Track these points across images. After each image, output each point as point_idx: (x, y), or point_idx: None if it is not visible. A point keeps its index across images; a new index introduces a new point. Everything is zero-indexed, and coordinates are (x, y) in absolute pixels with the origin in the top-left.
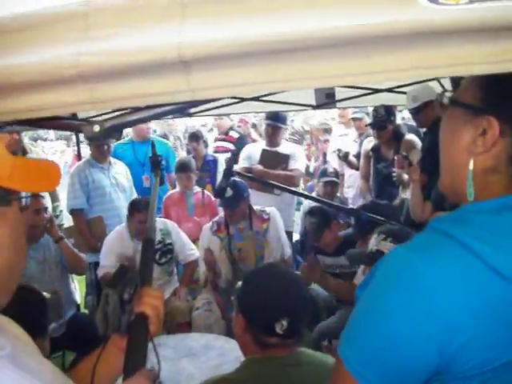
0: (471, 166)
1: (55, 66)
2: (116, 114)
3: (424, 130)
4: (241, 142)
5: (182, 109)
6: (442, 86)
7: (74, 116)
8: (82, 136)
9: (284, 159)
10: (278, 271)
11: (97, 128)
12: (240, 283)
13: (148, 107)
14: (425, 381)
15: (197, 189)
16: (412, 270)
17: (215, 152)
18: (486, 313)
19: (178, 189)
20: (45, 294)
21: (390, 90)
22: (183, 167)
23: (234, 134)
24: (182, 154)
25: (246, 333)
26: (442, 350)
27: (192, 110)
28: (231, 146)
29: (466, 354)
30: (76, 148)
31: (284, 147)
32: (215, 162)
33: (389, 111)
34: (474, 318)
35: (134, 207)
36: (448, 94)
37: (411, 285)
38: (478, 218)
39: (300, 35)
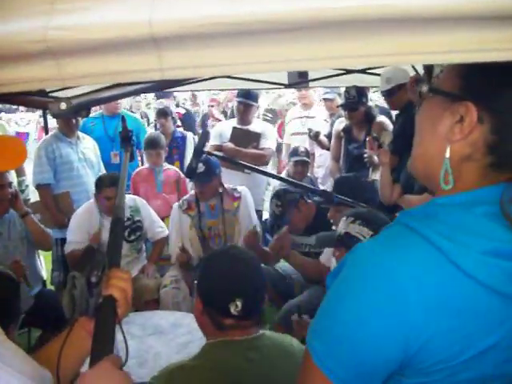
0: (448, 153)
1: (22, 40)
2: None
3: (396, 112)
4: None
5: (152, 88)
6: (416, 70)
7: (42, 91)
8: None
9: (255, 137)
10: (235, 253)
11: (63, 106)
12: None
13: (117, 85)
14: (388, 376)
15: (166, 165)
16: (383, 268)
17: None
18: (449, 309)
19: (146, 165)
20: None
21: (363, 71)
22: (152, 143)
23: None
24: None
25: (203, 314)
26: (407, 347)
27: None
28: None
29: (429, 350)
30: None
31: (255, 125)
32: (184, 138)
33: (360, 93)
34: (439, 314)
35: (102, 183)
36: (426, 83)
37: (382, 284)
38: (447, 213)
39: (276, 16)
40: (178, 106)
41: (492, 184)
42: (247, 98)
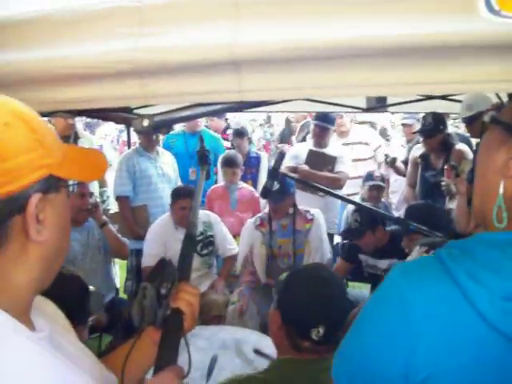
0: (501, 189)
1: (110, 60)
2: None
3: (477, 140)
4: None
5: (231, 109)
6: (499, 98)
7: (126, 108)
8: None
9: (330, 161)
10: (325, 275)
11: (146, 122)
12: (284, 276)
13: (197, 104)
14: None
15: (241, 184)
16: (399, 297)
17: None
18: (458, 350)
19: (222, 183)
20: (90, 287)
21: (443, 98)
22: (229, 162)
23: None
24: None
25: (280, 330)
26: (407, 380)
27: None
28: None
29: None
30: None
31: (331, 149)
32: (258, 159)
33: (438, 119)
34: (445, 353)
35: (177, 194)
36: (492, 112)
37: (394, 312)
38: (483, 251)
39: (355, 42)
40: (228, 128)
41: None
42: (324, 121)
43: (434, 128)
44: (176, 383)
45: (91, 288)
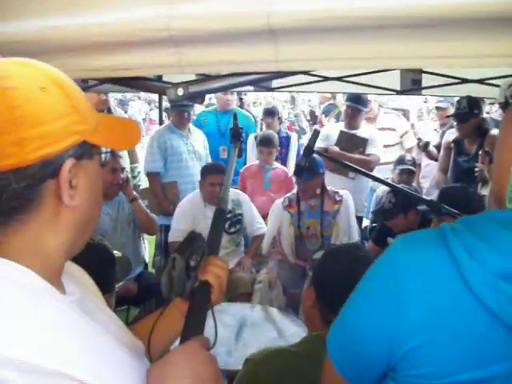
0: None
1: (146, 28)
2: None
3: None
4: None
5: (265, 79)
6: None
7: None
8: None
9: (362, 143)
10: (361, 255)
11: (180, 92)
12: (319, 254)
13: (231, 75)
14: (380, 375)
15: (275, 164)
16: (394, 266)
17: None
18: (445, 324)
19: (256, 161)
20: (115, 252)
21: (479, 81)
22: (266, 141)
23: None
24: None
25: (313, 307)
26: (391, 349)
27: (274, 85)
28: None
29: (414, 359)
30: (154, 112)
31: (362, 131)
32: (288, 138)
33: (473, 104)
34: (433, 326)
35: (207, 169)
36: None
37: (387, 275)
38: (486, 226)
39: (393, 11)
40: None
41: None
42: (356, 103)
43: (468, 112)
44: (202, 353)
45: (118, 254)
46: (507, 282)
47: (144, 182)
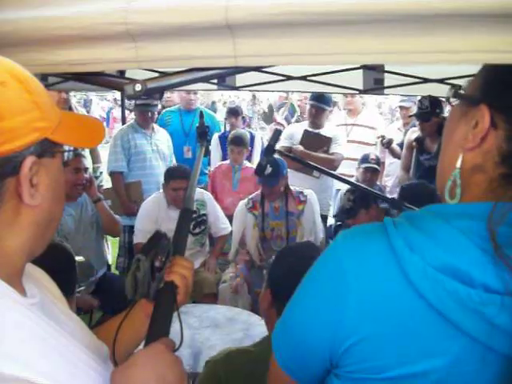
0: (459, 163)
1: (103, 22)
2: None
3: None
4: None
5: (224, 74)
6: None
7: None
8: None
9: (326, 142)
10: (313, 251)
11: (138, 87)
12: (273, 258)
13: (191, 71)
14: (323, 372)
15: (246, 164)
16: (334, 260)
17: None
18: (387, 318)
19: (227, 161)
20: (78, 258)
21: (441, 81)
22: (237, 140)
23: None
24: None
25: (271, 308)
26: (334, 343)
27: (237, 84)
28: None
29: (356, 354)
30: (114, 111)
31: (326, 130)
32: (252, 138)
33: (435, 103)
34: (374, 320)
35: (170, 174)
36: (454, 88)
37: (328, 273)
38: (427, 220)
39: (353, 7)
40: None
41: (496, 200)
42: (320, 102)
43: (430, 112)
44: (167, 355)
45: (80, 258)
46: (447, 275)
47: (107, 183)
